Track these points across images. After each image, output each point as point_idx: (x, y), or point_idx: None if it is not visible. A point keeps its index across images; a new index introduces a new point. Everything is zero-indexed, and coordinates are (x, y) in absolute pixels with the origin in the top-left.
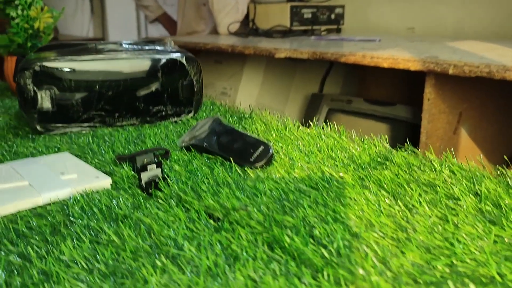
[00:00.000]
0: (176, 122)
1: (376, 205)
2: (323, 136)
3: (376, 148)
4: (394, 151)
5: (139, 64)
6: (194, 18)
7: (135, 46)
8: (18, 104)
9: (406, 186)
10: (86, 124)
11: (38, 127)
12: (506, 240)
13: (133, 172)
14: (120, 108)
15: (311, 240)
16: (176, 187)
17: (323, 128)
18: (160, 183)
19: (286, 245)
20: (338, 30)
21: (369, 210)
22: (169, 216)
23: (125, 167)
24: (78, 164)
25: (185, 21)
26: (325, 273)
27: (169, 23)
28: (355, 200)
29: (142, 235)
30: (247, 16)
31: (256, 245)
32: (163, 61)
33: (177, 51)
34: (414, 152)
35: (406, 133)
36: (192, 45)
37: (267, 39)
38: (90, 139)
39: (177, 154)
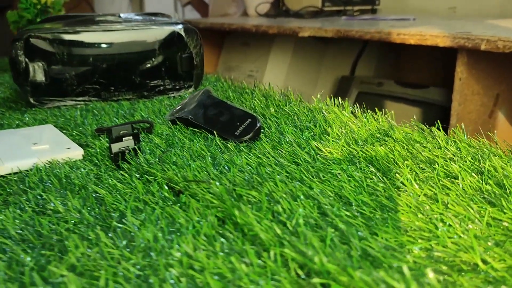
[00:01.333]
0: (174, 97)
1: (359, 182)
2: (323, 112)
3: (379, 123)
4: (396, 126)
5: (134, 36)
6: (225, 0)
7: (134, 18)
8: (12, 77)
9: (400, 163)
10: (81, 98)
11: (32, 100)
12: (504, 223)
13: (108, 144)
14: (116, 82)
15: (271, 217)
16: (142, 159)
17: (326, 103)
18: (127, 155)
19: (239, 220)
20: (374, 11)
21: (350, 187)
22: (127, 188)
23: (102, 139)
24: (56, 135)
25: (216, 3)
26: (272, 253)
27: (201, 6)
28: (337, 176)
29: (90, 207)
30: None
31: (206, 220)
32: (160, 32)
33: (176, 23)
34: (422, 129)
35: (439, 117)
36: (218, 26)
37: (297, 20)
38: (79, 112)
39: (162, 128)
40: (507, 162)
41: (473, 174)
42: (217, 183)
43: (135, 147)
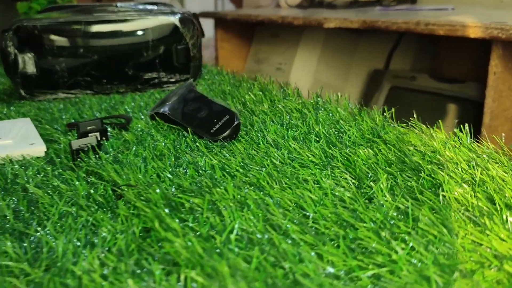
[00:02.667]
0: (170, 90)
1: (324, 191)
2: (319, 109)
3: (374, 122)
4: (390, 126)
5: (127, 26)
6: None
7: (130, 7)
8: (3, 69)
9: (380, 169)
10: (73, 91)
11: (23, 93)
12: (482, 247)
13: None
14: (108, 74)
15: (204, 230)
16: (93, 159)
17: (320, 98)
18: (81, 153)
19: (162, 233)
20: (413, 1)
21: (313, 196)
22: (70, 190)
23: (72, 135)
24: (28, 130)
25: None
26: (182, 276)
27: None
28: (303, 183)
29: (18, 210)
30: None
31: (128, 232)
32: (154, 23)
33: (173, 13)
34: (421, 129)
35: (476, 114)
36: (245, 18)
37: (329, 11)
38: (62, 106)
39: (140, 123)
40: (508, 170)
41: (463, 185)
42: (157, 190)
43: (97, 144)
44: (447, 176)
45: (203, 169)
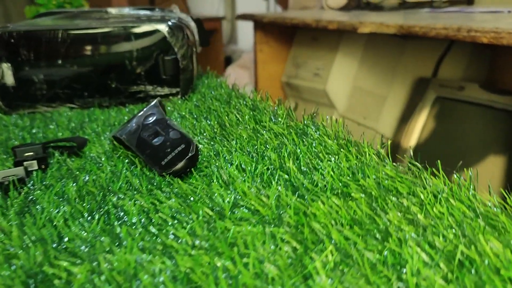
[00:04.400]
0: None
1: (250, 261)
2: (306, 135)
3: (359, 159)
4: (378, 164)
5: (109, 34)
6: None
7: (121, 13)
8: None
9: (336, 232)
10: (53, 104)
11: (2, 105)
12: None
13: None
14: (89, 86)
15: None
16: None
17: (312, 122)
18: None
19: None
20: (470, 1)
21: (231, 266)
22: None
23: (11, 161)
24: None
25: None
26: None
27: None
28: (229, 247)
29: None
30: None
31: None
32: (139, 31)
33: (162, 20)
34: (419, 170)
35: None
36: (280, 20)
37: (375, 13)
38: (29, 122)
39: (95, 148)
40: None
41: (440, 266)
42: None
43: (25, 175)
44: (416, 253)
45: (122, 217)
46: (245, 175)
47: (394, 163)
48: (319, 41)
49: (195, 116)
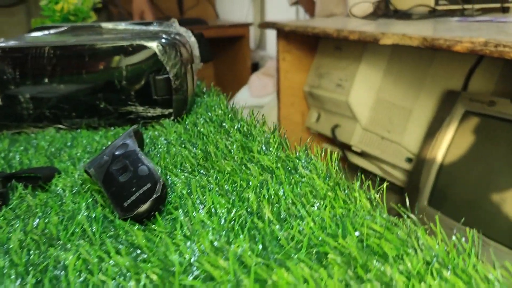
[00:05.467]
0: (147, 127)
1: None
2: (296, 171)
3: (347, 207)
4: (370, 213)
5: (96, 51)
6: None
7: (116, 29)
8: None
9: None
10: (40, 125)
11: None
12: None
13: None
14: (77, 107)
15: None
16: None
17: (304, 153)
18: None
19: None
20: (505, 10)
21: None
22: None
23: None
24: None
25: (324, 2)
26: None
27: (308, 6)
28: None
29: None
30: None
31: None
32: (128, 48)
33: (154, 37)
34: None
35: None
36: (302, 29)
37: (403, 22)
38: (7, 144)
39: (64, 180)
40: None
41: None
42: None
43: None
44: None
45: (58, 276)
46: (214, 222)
47: (386, 214)
48: (343, 51)
49: (182, 141)
